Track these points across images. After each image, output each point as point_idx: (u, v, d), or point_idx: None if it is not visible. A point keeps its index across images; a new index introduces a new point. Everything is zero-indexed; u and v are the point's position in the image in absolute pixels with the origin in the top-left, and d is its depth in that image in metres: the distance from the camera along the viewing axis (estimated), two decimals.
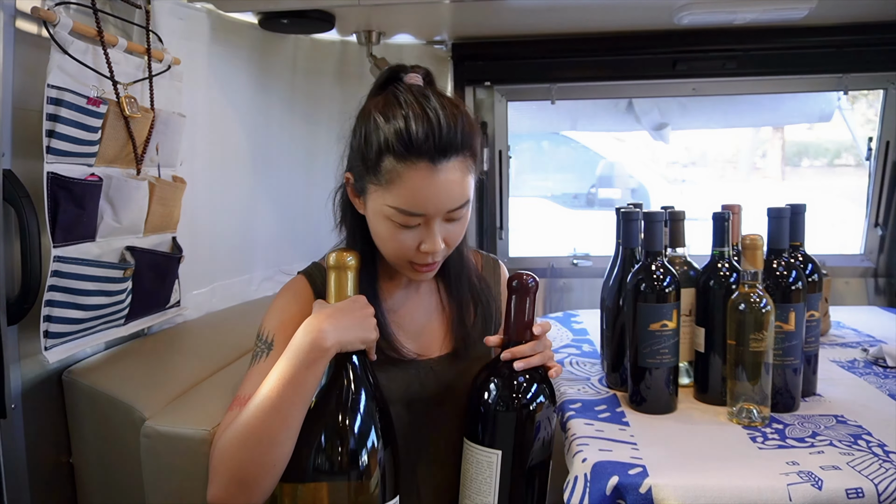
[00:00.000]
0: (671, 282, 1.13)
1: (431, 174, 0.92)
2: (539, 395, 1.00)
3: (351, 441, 0.90)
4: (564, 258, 2.29)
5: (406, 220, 0.95)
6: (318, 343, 0.89)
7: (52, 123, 1.05)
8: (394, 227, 0.96)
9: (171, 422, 1.07)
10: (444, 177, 0.92)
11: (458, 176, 0.94)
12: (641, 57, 1.99)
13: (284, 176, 1.92)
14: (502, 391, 1.00)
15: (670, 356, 1.14)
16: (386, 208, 0.95)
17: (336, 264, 0.93)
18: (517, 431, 0.98)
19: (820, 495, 0.88)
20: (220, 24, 1.62)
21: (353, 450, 0.90)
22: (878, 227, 2.16)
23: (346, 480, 0.89)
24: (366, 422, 0.91)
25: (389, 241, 0.98)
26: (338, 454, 0.89)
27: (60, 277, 1.08)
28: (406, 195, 0.93)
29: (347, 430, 0.90)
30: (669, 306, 1.13)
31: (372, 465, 0.90)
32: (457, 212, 0.97)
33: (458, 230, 1.01)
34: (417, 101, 0.94)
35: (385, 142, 0.92)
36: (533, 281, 1.02)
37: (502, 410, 0.99)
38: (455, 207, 0.96)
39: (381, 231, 0.99)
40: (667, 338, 1.13)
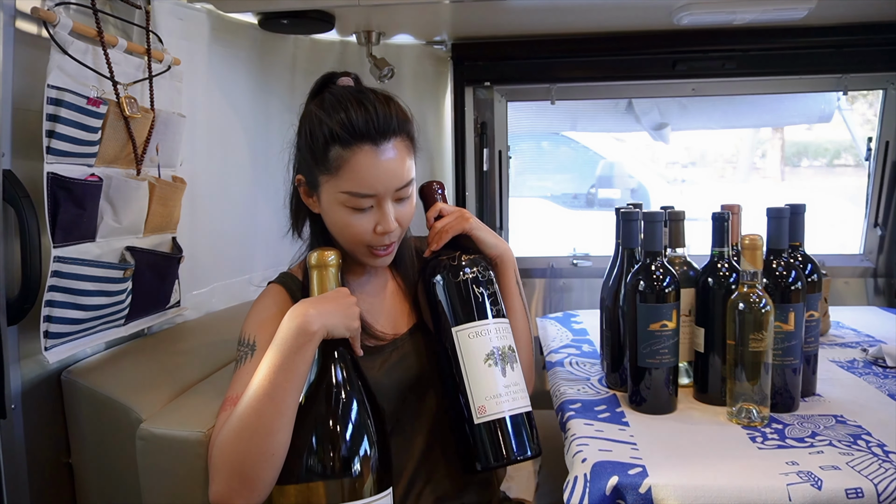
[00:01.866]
0: (671, 282, 1.13)
1: (376, 155, 1.00)
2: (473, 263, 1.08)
3: (342, 436, 0.91)
4: (564, 258, 2.29)
5: (359, 202, 1.02)
6: (304, 327, 0.91)
7: (52, 124, 1.05)
8: (348, 214, 1.03)
9: (166, 424, 1.07)
10: (387, 156, 1.01)
11: (400, 156, 1.03)
12: (641, 57, 1.99)
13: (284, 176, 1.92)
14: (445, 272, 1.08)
15: (670, 356, 1.14)
16: (339, 195, 1.02)
17: (318, 263, 0.96)
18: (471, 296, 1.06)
19: (819, 495, 0.88)
20: (220, 25, 1.62)
21: (345, 446, 0.90)
22: (878, 227, 2.16)
23: (338, 477, 0.90)
24: (356, 415, 0.92)
25: (346, 228, 1.05)
26: (329, 450, 0.90)
27: (60, 278, 1.08)
28: (355, 178, 1.01)
29: (338, 425, 0.91)
30: (669, 306, 1.13)
31: (363, 460, 0.91)
32: (404, 190, 1.05)
33: (407, 210, 1.08)
34: (353, 95, 1.03)
35: (330, 133, 1.00)
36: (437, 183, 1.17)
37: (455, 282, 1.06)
38: (402, 185, 1.04)
39: (336, 220, 1.05)
40: (666, 338, 1.13)
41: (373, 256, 1.09)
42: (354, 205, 1.03)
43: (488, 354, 1.01)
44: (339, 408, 0.93)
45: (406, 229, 1.12)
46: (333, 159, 1.01)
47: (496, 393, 1.00)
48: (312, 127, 1.04)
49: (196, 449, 1.03)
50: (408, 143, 1.06)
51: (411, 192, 1.08)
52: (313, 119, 1.04)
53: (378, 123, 1.00)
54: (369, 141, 1.00)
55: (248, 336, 1.06)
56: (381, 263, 1.12)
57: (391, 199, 1.04)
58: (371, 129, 1.00)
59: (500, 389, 1.00)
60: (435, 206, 1.15)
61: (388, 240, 1.07)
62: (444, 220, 1.13)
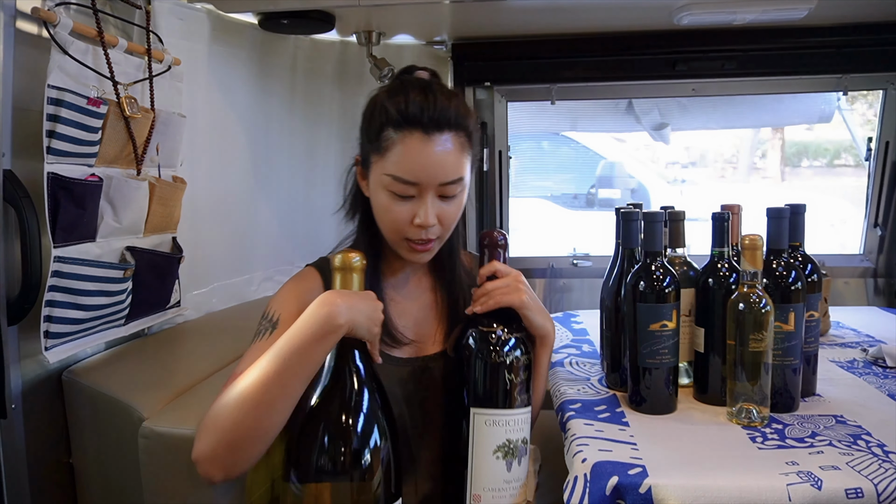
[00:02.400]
0: (671, 282, 1.13)
1: (424, 143, 0.99)
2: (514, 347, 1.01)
3: (355, 440, 0.90)
4: (564, 258, 2.29)
5: (401, 188, 1.01)
6: (331, 318, 0.89)
7: (52, 124, 1.05)
8: (390, 199, 1.02)
9: (169, 422, 1.07)
10: (436, 148, 0.99)
11: (451, 150, 1.01)
12: (641, 57, 1.99)
13: (284, 176, 1.92)
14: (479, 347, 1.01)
15: (670, 356, 1.14)
16: (383, 177, 1.02)
17: (342, 265, 0.93)
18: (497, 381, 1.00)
19: (819, 495, 0.88)
20: (220, 25, 1.62)
21: (357, 449, 0.89)
22: (878, 228, 2.16)
23: (349, 480, 0.89)
24: (370, 420, 0.91)
25: (386, 213, 1.03)
26: (341, 454, 0.89)
27: (61, 277, 1.09)
28: (400, 162, 1.00)
29: (351, 428, 0.90)
30: (669, 306, 1.13)
31: (375, 465, 0.90)
32: (449, 187, 1.02)
33: (451, 210, 1.05)
34: (418, 83, 1.04)
35: (385, 115, 1.01)
36: (503, 238, 1.06)
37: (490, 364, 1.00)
38: (447, 181, 1.01)
39: (379, 204, 1.04)
40: (666, 338, 1.13)
41: (410, 250, 1.06)
42: (397, 190, 1.01)
43: (499, 446, 0.98)
44: (355, 411, 0.91)
45: (450, 230, 1.08)
46: (384, 140, 1.01)
47: (497, 486, 0.98)
48: (373, 108, 1.06)
49: None
50: (463, 140, 1.03)
51: (459, 192, 1.05)
52: (376, 101, 1.06)
53: (432, 112, 0.99)
54: (420, 128, 0.99)
55: (273, 312, 1.04)
56: (418, 259, 1.08)
57: (434, 192, 1.02)
58: (424, 117, 0.99)
59: (501, 484, 0.98)
60: (492, 264, 1.04)
61: (426, 235, 1.04)
62: (496, 284, 1.02)
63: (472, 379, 1.00)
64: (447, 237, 1.10)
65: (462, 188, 1.06)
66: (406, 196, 1.02)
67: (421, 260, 1.09)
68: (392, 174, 1.01)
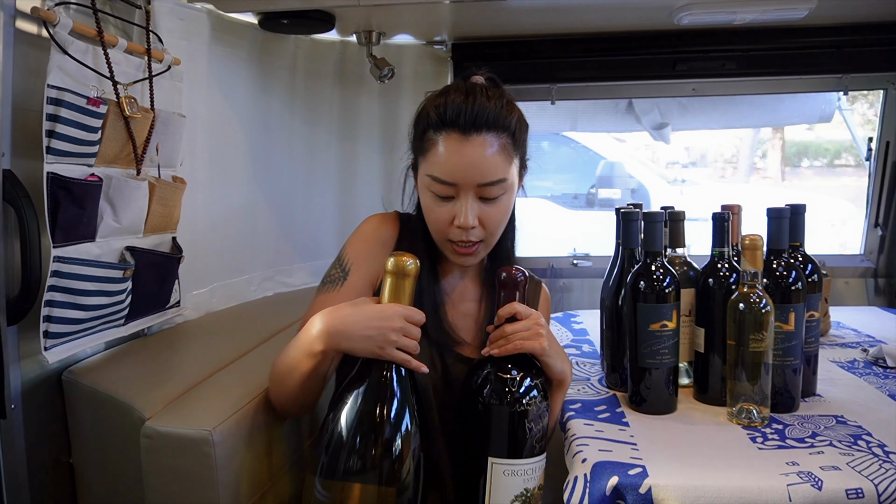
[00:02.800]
0: (671, 282, 1.13)
1: (461, 144, 1.00)
2: (533, 393, 0.99)
3: (389, 454, 0.89)
4: (564, 258, 2.29)
5: (440, 188, 1.02)
6: (313, 344, 0.95)
7: (52, 123, 1.05)
8: (432, 199, 1.04)
9: (171, 422, 1.07)
10: (473, 149, 1.00)
11: (490, 150, 1.01)
12: (641, 57, 1.99)
13: (284, 176, 1.92)
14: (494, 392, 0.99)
15: (670, 356, 1.14)
16: (425, 178, 1.05)
17: (394, 269, 0.91)
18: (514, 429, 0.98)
19: (820, 496, 0.88)
20: (220, 25, 1.62)
21: (392, 463, 0.89)
22: (878, 228, 2.16)
23: (377, 489, 0.89)
24: (396, 430, 0.90)
25: (429, 214, 1.06)
26: (375, 466, 0.89)
27: (60, 277, 1.08)
28: (439, 162, 1.02)
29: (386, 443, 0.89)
30: (669, 306, 1.13)
31: (407, 480, 0.90)
32: (489, 188, 1.02)
33: (494, 213, 1.05)
34: (463, 86, 1.05)
35: (427, 117, 1.05)
36: (522, 275, 1.02)
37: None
38: (486, 182, 1.01)
39: (424, 204, 1.08)
40: (667, 338, 1.13)
41: (454, 253, 1.07)
42: (437, 191, 1.03)
43: (517, 496, 0.97)
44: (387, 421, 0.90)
45: (495, 235, 1.08)
46: (426, 142, 1.04)
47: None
48: (419, 112, 1.08)
49: (201, 447, 1.03)
50: (505, 141, 1.03)
51: (502, 195, 1.04)
52: (425, 103, 1.08)
53: (470, 113, 1.00)
54: (458, 129, 1.00)
55: (347, 260, 1.07)
56: (462, 263, 1.09)
57: (474, 193, 1.02)
58: (461, 118, 1.00)
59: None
60: (511, 305, 1.00)
61: (467, 237, 1.04)
62: (516, 328, 0.98)
63: (490, 426, 0.98)
64: (493, 242, 1.10)
65: (505, 191, 1.05)
66: (446, 197, 1.03)
67: (465, 263, 1.10)
68: (431, 174, 1.03)
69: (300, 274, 1.99)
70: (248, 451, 1.10)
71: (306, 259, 2.01)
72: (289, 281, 1.95)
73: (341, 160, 2.05)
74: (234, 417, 1.08)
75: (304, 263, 2.00)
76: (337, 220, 2.07)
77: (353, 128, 2.04)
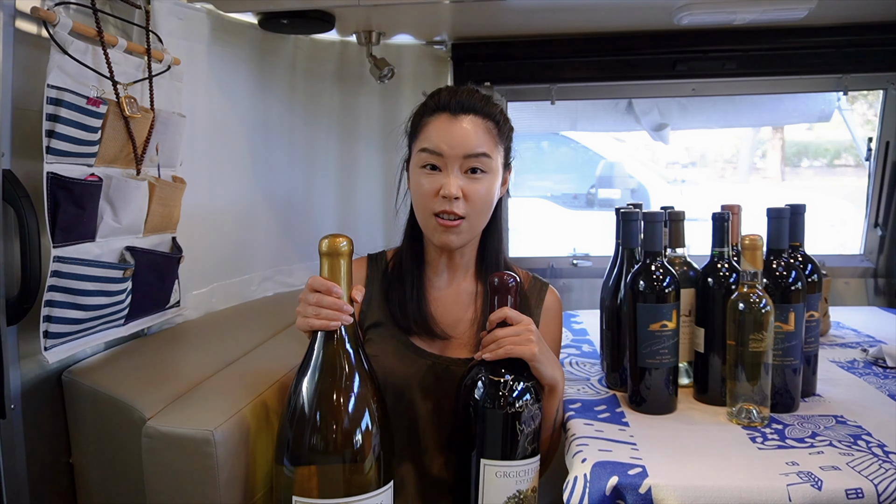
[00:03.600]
0: (671, 282, 1.13)
1: (450, 121, 1.15)
2: (524, 395, 1.02)
3: (345, 421, 0.92)
4: (564, 258, 2.29)
5: (429, 158, 1.15)
6: None
7: (51, 123, 1.05)
8: (421, 174, 1.16)
9: (172, 422, 1.07)
10: (460, 125, 1.15)
11: (475, 128, 1.15)
12: (641, 57, 1.99)
13: (284, 176, 1.92)
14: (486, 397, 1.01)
15: (670, 356, 1.14)
16: (417, 155, 1.18)
17: (328, 251, 0.95)
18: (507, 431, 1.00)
19: (819, 496, 0.88)
20: (220, 25, 1.62)
21: (348, 430, 0.92)
22: (878, 228, 2.16)
23: (339, 462, 0.92)
24: (359, 405, 0.94)
25: (417, 189, 1.17)
26: (333, 436, 0.92)
27: (60, 277, 1.08)
28: (429, 136, 1.16)
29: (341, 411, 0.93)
30: (669, 306, 1.13)
31: (366, 447, 0.93)
32: (473, 160, 1.14)
33: (477, 188, 1.15)
34: (452, 86, 1.24)
35: (422, 108, 1.21)
36: (513, 281, 1.06)
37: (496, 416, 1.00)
38: (470, 153, 1.14)
39: (413, 184, 1.18)
40: (666, 338, 1.13)
41: (437, 229, 1.15)
42: (426, 161, 1.15)
43: (510, 497, 0.99)
44: (345, 395, 0.94)
45: (478, 214, 1.17)
46: (420, 127, 1.19)
47: None
48: (417, 108, 1.23)
49: (202, 446, 1.03)
50: (489, 125, 1.17)
51: (485, 174, 1.16)
52: (419, 106, 1.23)
53: (458, 100, 1.16)
54: (448, 111, 1.16)
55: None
56: (446, 241, 1.16)
57: (459, 167, 1.14)
58: (451, 103, 1.16)
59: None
60: (502, 310, 1.04)
61: (451, 207, 1.13)
62: (506, 332, 1.03)
63: (483, 428, 1.00)
64: (477, 225, 1.19)
65: (489, 171, 1.16)
66: (434, 168, 1.15)
67: (449, 242, 1.16)
68: (422, 147, 1.16)
69: (300, 274, 1.99)
70: (249, 450, 1.10)
71: (306, 259, 2.01)
72: (289, 281, 1.95)
73: (341, 160, 2.05)
74: (235, 417, 1.08)
75: (304, 263, 2.01)
76: (337, 220, 2.07)
77: (353, 128, 2.04)
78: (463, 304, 1.24)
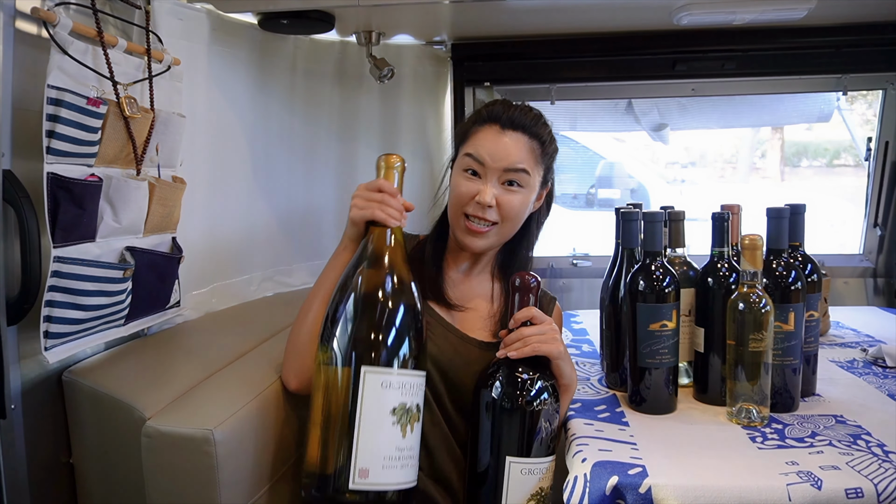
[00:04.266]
0: (671, 282, 1.13)
1: (498, 134, 1.20)
2: (546, 394, 1.04)
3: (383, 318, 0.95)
4: (564, 258, 2.29)
5: (471, 163, 1.20)
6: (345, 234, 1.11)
7: (51, 124, 1.05)
8: (462, 176, 1.21)
9: (172, 422, 1.07)
10: (507, 140, 1.20)
11: (519, 145, 1.20)
12: (641, 57, 1.99)
13: (284, 176, 1.92)
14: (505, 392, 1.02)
15: (670, 356, 1.14)
16: (461, 158, 1.23)
17: (384, 164, 1.05)
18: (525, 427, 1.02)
19: (819, 495, 0.88)
20: (220, 25, 1.62)
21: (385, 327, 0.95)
22: (877, 228, 2.16)
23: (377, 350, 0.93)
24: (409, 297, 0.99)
25: (455, 189, 1.22)
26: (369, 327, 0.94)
27: (60, 278, 1.08)
28: (476, 144, 1.21)
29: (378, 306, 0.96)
30: (669, 306, 1.13)
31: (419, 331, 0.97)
32: (513, 174, 1.19)
33: (511, 199, 1.19)
34: (506, 100, 1.28)
35: (476, 115, 1.26)
36: (535, 280, 1.08)
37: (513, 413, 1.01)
38: (511, 167, 1.19)
39: (453, 183, 1.23)
40: (666, 338, 1.13)
41: (466, 231, 1.20)
42: (468, 165, 1.20)
43: (533, 495, 1.01)
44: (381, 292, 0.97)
45: (508, 223, 1.21)
46: (470, 132, 1.24)
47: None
48: (468, 116, 1.29)
49: (202, 446, 1.03)
50: (533, 145, 1.21)
51: (521, 188, 1.20)
52: (474, 113, 1.28)
53: (509, 115, 1.21)
54: (498, 123, 1.21)
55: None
56: (472, 244, 1.21)
57: (498, 178, 1.19)
58: (502, 116, 1.21)
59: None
60: (529, 309, 1.07)
61: (483, 214, 1.18)
62: (533, 331, 1.06)
63: (509, 426, 1.01)
64: (506, 233, 1.23)
65: (525, 186, 1.21)
66: (475, 174, 1.20)
67: (474, 245, 1.21)
68: (468, 152, 1.21)
69: (300, 274, 1.99)
70: (248, 450, 1.10)
71: (306, 259, 2.01)
72: (289, 281, 1.95)
73: (341, 160, 2.04)
74: (235, 417, 1.08)
75: (304, 263, 2.01)
76: (337, 220, 2.07)
77: (353, 128, 2.04)
78: (475, 291, 1.29)
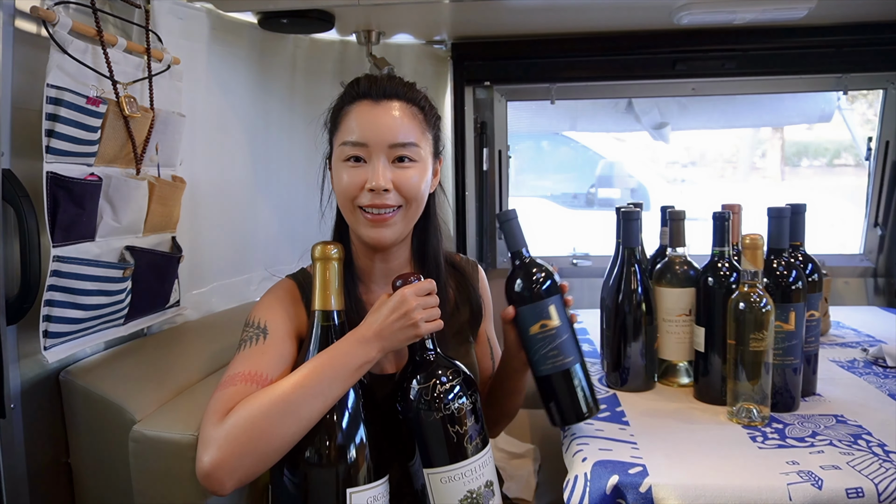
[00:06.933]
0: (541, 275, 1.09)
1: (372, 108, 1.05)
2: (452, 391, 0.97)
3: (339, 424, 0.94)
4: (564, 258, 2.29)
5: (352, 150, 1.04)
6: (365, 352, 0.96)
7: (51, 123, 1.05)
8: (345, 168, 1.05)
9: (159, 426, 1.06)
10: (383, 111, 1.05)
11: (400, 115, 1.05)
12: (641, 57, 1.99)
13: (284, 176, 1.92)
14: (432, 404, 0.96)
15: (563, 357, 1.05)
16: (340, 149, 1.07)
17: (321, 256, 0.99)
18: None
19: (820, 495, 0.88)
20: (220, 24, 1.62)
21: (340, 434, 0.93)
22: (878, 227, 2.16)
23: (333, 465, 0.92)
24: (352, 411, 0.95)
25: (341, 184, 1.06)
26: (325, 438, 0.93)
27: (60, 277, 1.08)
28: (351, 127, 1.05)
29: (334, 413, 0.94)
30: (544, 303, 1.06)
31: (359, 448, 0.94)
32: (400, 149, 1.04)
33: (408, 175, 1.05)
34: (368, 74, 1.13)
35: (340, 98, 1.10)
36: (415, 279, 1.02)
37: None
38: (396, 142, 1.04)
39: (337, 179, 1.07)
40: (550, 338, 1.05)
41: (367, 224, 1.05)
42: (350, 153, 1.05)
43: (462, 500, 0.95)
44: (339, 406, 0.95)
45: (412, 203, 1.06)
46: (340, 117, 1.09)
47: None
48: (334, 103, 1.12)
49: (188, 451, 1.02)
50: (415, 112, 1.07)
51: (415, 163, 1.05)
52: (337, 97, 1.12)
53: (381, 85, 1.07)
54: (369, 98, 1.06)
55: (259, 320, 1.05)
56: (377, 237, 1.05)
57: (386, 156, 1.04)
58: (371, 89, 1.06)
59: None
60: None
61: (381, 200, 1.03)
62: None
63: (418, 440, 0.96)
64: (412, 215, 1.08)
65: (419, 160, 1.06)
66: (359, 160, 1.04)
67: (381, 238, 1.06)
68: (345, 140, 1.05)
69: None
70: None
71: (306, 259, 2.00)
72: None
73: None
74: None
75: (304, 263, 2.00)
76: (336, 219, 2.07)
77: None
78: None
